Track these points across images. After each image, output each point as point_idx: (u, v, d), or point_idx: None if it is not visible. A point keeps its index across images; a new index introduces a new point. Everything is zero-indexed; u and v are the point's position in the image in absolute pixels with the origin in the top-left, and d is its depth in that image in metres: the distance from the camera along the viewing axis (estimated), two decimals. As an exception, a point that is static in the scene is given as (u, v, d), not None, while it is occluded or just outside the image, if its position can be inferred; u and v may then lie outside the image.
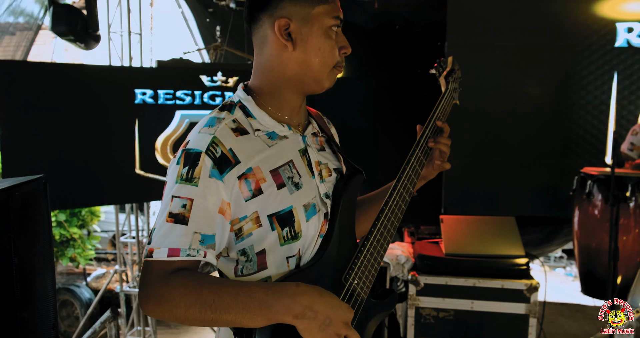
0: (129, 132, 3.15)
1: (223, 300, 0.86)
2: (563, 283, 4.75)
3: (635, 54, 3.93)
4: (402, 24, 4.51)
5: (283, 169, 1.00)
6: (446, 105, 1.31)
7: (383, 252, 1.07)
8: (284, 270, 1.00)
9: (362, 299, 1.03)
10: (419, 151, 1.17)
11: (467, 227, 2.49)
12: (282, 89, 1.04)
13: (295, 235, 0.99)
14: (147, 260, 0.90)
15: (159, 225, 0.92)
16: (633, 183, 2.65)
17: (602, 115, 4.03)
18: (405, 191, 1.12)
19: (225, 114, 1.01)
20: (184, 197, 0.91)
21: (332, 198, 1.07)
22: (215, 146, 0.94)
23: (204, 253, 0.91)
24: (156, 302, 0.87)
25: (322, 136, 1.16)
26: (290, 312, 0.86)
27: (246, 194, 0.96)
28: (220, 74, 3.43)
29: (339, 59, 1.04)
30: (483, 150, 4.13)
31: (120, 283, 3.54)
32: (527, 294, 2.31)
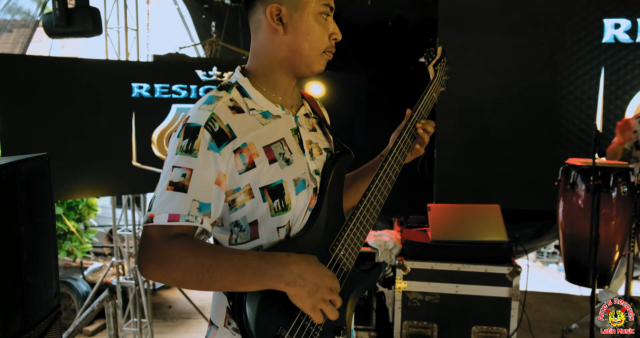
0: (125, 125, 3.21)
1: (220, 266, 0.93)
2: (555, 279, 4.83)
3: (622, 50, 4.02)
4: (394, 21, 4.58)
5: (275, 145, 1.07)
6: (434, 92, 1.39)
7: (369, 227, 1.14)
8: (275, 239, 1.06)
9: (348, 269, 1.10)
10: (405, 133, 1.25)
11: (453, 215, 2.57)
12: (275, 72, 1.11)
13: (285, 207, 1.06)
14: (148, 225, 0.96)
15: (160, 192, 0.98)
16: (615, 173, 2.73)
17: (590, 110, 4.11)
18: (392, 170, 1.19)
19: (223, 94, 1.08)
20: (184, 167, 0.98)
21: (321, 175, 1.14)
22: (214, 121, 1.01)
23: (201, 220, 0.97)
24: (156, 264, 0.93)
25: (314, 118, 1.24)
26: (282, 280, 0.93)
27: (240, 168, 1.03)
28: (216, 68, 3.50)
29: (329, 44, 1.10)
30: (473, 144, 4.21)
31: (117, 275, 3.60)
32: (509, 278, 2.39)
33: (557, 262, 5.58)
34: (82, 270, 4.42)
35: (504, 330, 2.43)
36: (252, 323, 0.94)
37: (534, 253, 5.98)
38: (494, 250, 2.44)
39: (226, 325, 1.09)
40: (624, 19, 3.98)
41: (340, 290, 1.07)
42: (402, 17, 4.57)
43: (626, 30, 4.00)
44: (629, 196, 2.75)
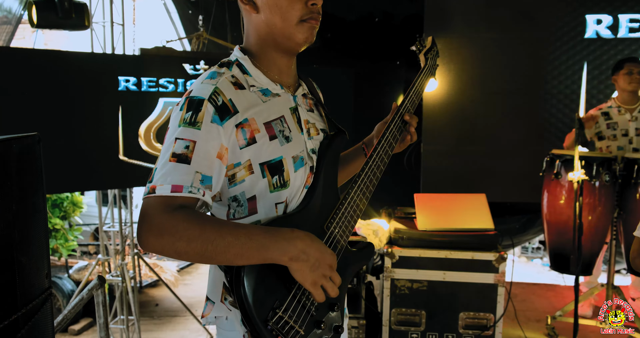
0: (112, 118, 3.19)
1: (225, 239, 0.93)
2: (540, 273, 4.91)
3: (604, 45, 4.10)
4: (381, 16, 4.61)
5: (275, 122, 1.09)
6: (424, 79, 1.43)
7: (362, 207, 1.16)
8: (272, 215, 1.08)
9: (342, 246, 1.12)
10: (398, 118, 1.28)
11: (440, 204, 2.61)
12: (265, 50, 1.12)
13: (284, 183, 1.07)
14: (150, 196, 0.95)
15: (162, 164, 0.97)
16: (598, 163, 2.79)
17: (573, 104, 4.18)
18: (384, 152, 1.22)
19: (225, 70, 1.09)
20: (187, 139, 0.98)
21: (317, 154, 1.16)
22: (217, 95, 1.02)
23: (203, 192, 0.97)
24: (159, 234, 0.92)
25: (311, 99, 1.25)
26: (286, 254, 0.94)
27: (241, 143, 1.03)
28: (203, 62, 3.49)
29: (305, 11, 1.07)
30: (459, 138, 4.26)
31: (104, 272, 3.57)
32: (495, 264, 2.43)
33: (542, 257, 5.66)
34: (67, 268, 4.38)
35: (491, 316, 2.47)
36: (250, 295, 0.95)
37: (518, 248, 6.06)
38: (480, 237, 2.48)
39: (222, 300, 1.10)
40: (606, 15, 4.06)
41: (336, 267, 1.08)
42: (388, 13, 4.61)
43: (607, 26, 4.07)
44: (611, 186, 2.82)
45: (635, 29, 4.05)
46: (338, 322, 1.11)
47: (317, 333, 1.05)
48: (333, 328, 1.09)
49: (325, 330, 1.07)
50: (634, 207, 2.79)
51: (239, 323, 1.04)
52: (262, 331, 0.95)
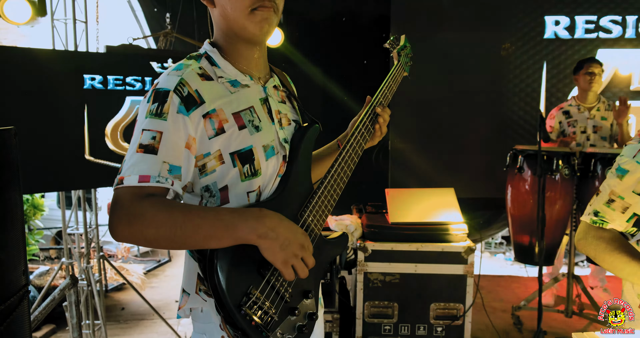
0: (77, 117, 3.12)
1: (193, 221, 0.94)
2: (503, 267, 5.04)
3: (562, 45, 4.27)
4: (348, 16, 4.67)
5: (244, 113, 1.10)
6: (397, 75, 1.47)
7: (336, 196, 1.18)
8: (245, 204, 1.09)
9: (316, 235, 1.13)
10: (370, 111, 1.30)
11: (410, 198, 2.67)
12: (231, 42, 1.14)
13: (255, 172, 1.09)
14: (119, 187, 0.97)
15: (129, 156, 0.99)
16: (559, 157, 2.91)
17: (534, 102, 4.34)
18: (357, 143, 1.24)
19: (192, 62, 1.10)
20: (154, 130, 0.99)
21: (290, 144, 1.17)
22: (183, 86, 1.03)
23: (171, 182, 0.98)
24: (128, 223, 0.93)
25: (284, 91, 1.27)
26: (255, 232, 0.95)
27: (210, 133, 1.04)
28: (171, 60, 3.45)
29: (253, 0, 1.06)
30: (425, 135, 4.36)
31: (68, 276, 3.47)
32: (464, 256, 2.51)
33: (504, 252, 5.82)
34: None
35: (460, 306, 2.54)
36: (223, 281, 0.96)
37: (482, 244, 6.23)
38: (450, 230, 2.55)
39: (197, 291, 1.10)
40: (563, 16, 4.23)
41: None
42: (355, 13, 4.66)
43: (565, 27, 4.25)
44: (570, 179, 2.94)
45: (590, 30, 4.23)
46: (312, 310, 1.12)
47: (292, 320, 1.06)
48: (307, 315, 1.10)
49: (300, 317, 1.08)
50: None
51: (215, 314, 1.05)
52: (236, 316, 0.96)
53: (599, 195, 1.32)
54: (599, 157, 2.90)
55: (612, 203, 1.28)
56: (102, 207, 5.83)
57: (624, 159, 1.30)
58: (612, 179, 1.31)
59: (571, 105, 3.59)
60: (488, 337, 3.01)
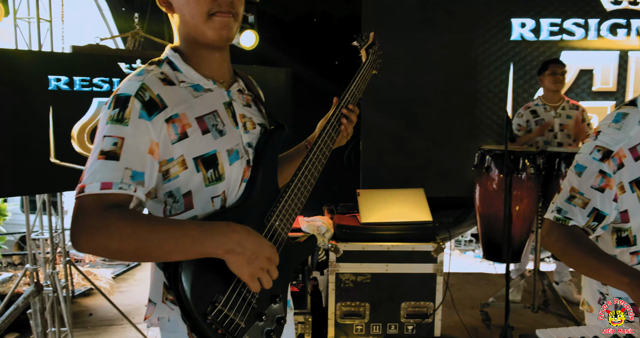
0: (42, 119, 3.04)
1: (158, 235, 0.92)
2: (472, 265, 5.13)
3: (528, 47, 4.37)
4: (319, 17, 4.68)
5: (208, 117, 1.09)
6: (366, 74, 1.46)
7: (304, 199, 1.18)
8: (210, 209, 1.08)
9: (283, 239, 1.13)
10: (338, 111, 1.30)
11: (381, 198, 2.69)
12: (192, 47, 1.13)
13: (219, 177, 1.08)
14: (80, 195, 0.94)
15: (91, 163, 0.97)
16: (524, 157, 2.98)
17: (501, 102, 4.43)
18: (325, 144, 1.24)
19: (154, 68, 1.10)
20: (115, 136, 0.98)
21: (255, 148, 1.16)
22: (144, 91, 1.02)
23: (134, 188, 0.97)
24: (91, 234, 0.91)
25: (249, 95, 1.26)
26: (221, 247, 0.94)
27: (173, 137, 1.03)
28: (140, 61, 3.40)
29: (212, 5, 1.06)
30: (396, 136, 4.40)
31: (32, 282, 3.37)
32: (434, 255, 2.55)
33: (474, 249, 5.93)
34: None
35: (431, 304, 2.58)
36: (188, 290, 0.95)
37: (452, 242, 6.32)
38: (420, 229, 2.59)
39: (164, 300, 1.09)
40: (529, 19, 4.34)
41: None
42: (326, 13, 4.67)
43: (531, 29, 4.35)
44: (536, 178, 3.02)
45: (555, 32, 4.35)
46: (281, 314, 1.12)
47: (259, 326, 1.06)
48: (276, 319, 1.10)
49: (268, 321, 1.08)
50: (556, 197, 3.00)
51: (182, 322, 1.03)
52: (202, 325, 0.95)
53: (560, 193, 1.36)
54: (563, 156, 2.98)
55: (572, 199, 1.31)
56: (69, 211, 5.69)
57: (581, 156, 1.35)
58: (572, 176, 1.35)
59: (537, 105, 3.68)
60: (457, 333, 3.06)
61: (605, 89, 4.40)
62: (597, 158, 1.30)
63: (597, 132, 1.35)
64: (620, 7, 4.33)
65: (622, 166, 1.28)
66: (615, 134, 1.31)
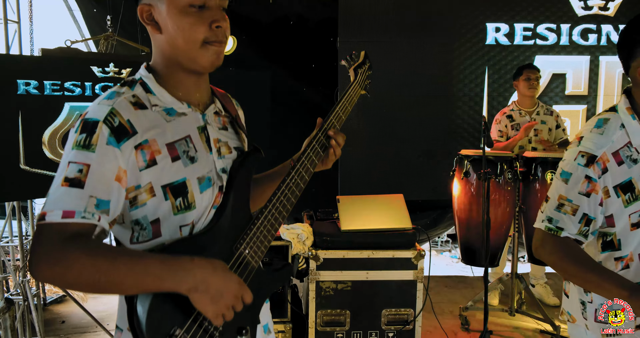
0: (11, 125, 2.95)
1: (119, 269, 0.89)
2: (449, 265, 5.17)
3: (502, 51, 4.44)
4: (295, 19, 4.65)
5: (179, 143, 1.05)
6: (353, 95, 1.42)
7: (277, 225, 1.12)
8: (177, 237, 1.04)
9: (253, 267, 1.08)
10: (315, 142, 1.23)
11: (361, 205, 2.68)
12: (171, 69, 1.08)
13: (188, 205, 1.04)
14: (40, 223, 0.91)
15: (54, 189, 0.93)
16: (502, 162, 3.01)
17: (477, 106, 4.49)
18: (300, 177, 1.17)
19: (126, 89, 1.04)
20: (81, 162, 0.94)
21: (229, 173, 1.11)
22: (113, 116, 0.98)
23: (98, 217, 0.93)
24: (48, 265, 0.87)
25: (226, 117, 1.21)
26: (184, 285, 0.91)
27: (141, 164, 0.99)
28: (113, 65, 3.32)
29: (209, 34, 1.04)
30: (374, 140, 4.41)
31: (2, 291, 3.26)
32: (414, 262, 2.55)
33: (450, 250, 5.98)
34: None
35: (411, 311, 2.58)
36: (144, 321, 0.91)
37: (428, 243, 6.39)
38: (400, 236, 2.58)
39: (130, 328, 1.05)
40: (503, 24, 4.40)
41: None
42: (303, 16, 4.65)
43: (505, 34, 4.41)
44: (513, 182, 3.05)
45: (528, 37, 4.42)
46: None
47: None
48: None
49: None
50: (533, 201, 3.04)
51: None
52: None
53: (548, 201, 1.37)
54: (540, 161, 3.02)
55: (562, 207, 1.32)
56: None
57: (566, 162, 1.36)
58: (558, 183, 1.36)
59: (513, 110, 3.73)
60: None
61: (577, 93, 4.50)
62: (581, 163, 1.32)
63: (580, 138, 1.37)
64: (591, 12, 4.43)
65: (606, 170, 1.30)
66: (597, 139, 1.33)
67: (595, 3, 4.41)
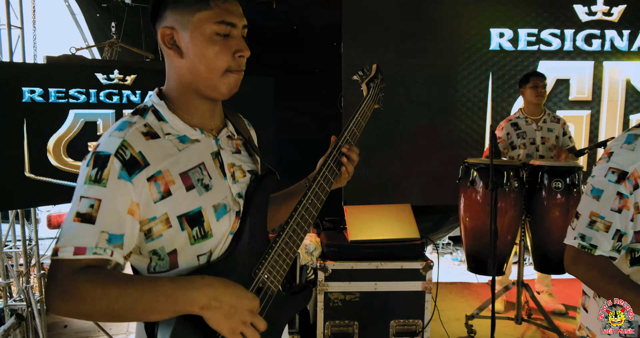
0: (16, 133, 2.94)
1: (130, 295, 0.89)
2: (450, 267, 5.16)
3: (507, 57, 4.43)
4: (299, 24, 4.64)
5: (193, 171, 1.04)
6: (366, 109, 1.40)
7: (296, 248, 1.11)
8: (195, 266, 1.04)
9: (273, 292, 1.07)
10: (330, 160, 1.23)
11: (369, 215, 2.68)
12: (187, 95, 1.07)
13: (205, 234, 1.03)
14: (54, 258, 0.92)
15: (67, 224, 0.94)
16: (508, 170, 3.00)
17: (481, 111, 4.48)
18: (316, 197, 1.16)
19: (137, 119, 1.04)
20: (92, 197, 0.94)
21: (244, 198, 1.11)
22: (125, 149, 0.97)
23: (110, 252, 0.93)
24: (63, 299, 0.89)
25: (239, 139, 1.20)
26: (196, 304, 0.91)
27: (155, 196, 0.98)
28: (117, 71, 3.32)
29: (232, 63, 1.05)
30: (378, 145, 4.40)
31: (5, 297, 3.25)
32: (423, 272, 2.54)
33: (451, 252, 5.98)
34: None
35: (419, 322, 2.58)
36: None
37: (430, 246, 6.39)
38: (408, 247, 2.58)
39: None
40: (507, 29, 4.40)
41: (266, 313, 1.05)
42: (306, 21, 4.64)
43: (509, 39, 4.41)
44: (519, 191, 3.05)
45: (532, 42, 4.42)
46: None
47: None
48: None
49: None
50: (539, 210, 3.04)
51: None
52: None
53: (579, 218, 1.37)
54: (546, 169, 3.02)
55: (594, 224, 1.33)
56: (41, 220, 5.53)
57: (596, 179, 1.36)
58: (589, 200, 1.36)
59: (519, 117, 3.72)
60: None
61: (581, 98, 4.50)
62: (612, 180, 1.32)
63: (609, 153, 1.36)
64: (595, 18, 4.43)
65: (637, 186, 1.30)
66: (628, 155, 1.33)
67: (599, 9, 4.40)
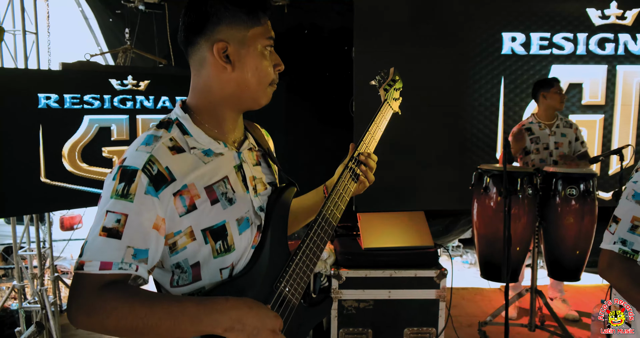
0: (32, 138, 2.98)
1: (155, 314, 0.90)
2: (460, 270, 5.14)
3: (519, 61, 4.41)
4: (310, 29, 4.65)
5: (217, 185, 1.05)
6: (384, 115, 1.43)
7: (316, 259, 1.12)
8: (218, 280, 1.05)
9: (294, 305, 1.08)
10: (354, 160, 1.25)
11: (382, 222, 2.68)
12: (220, 107, 1.09)
13: (228, 248, 1.05)
14: (79, 272, 0.92)
15: (92, 238, 0.94)
16: (522, 177, 2.99)
17: (493, 116, 4.46)
18: (335, 207, 1.17)
19: (163, 132, 1.05)
20: (119, 212, 0.94)
21: (265, 211, 1.12)
22: (152, 164, 0.98)
23: (135, 267, 0.94)
24: (87, 314, 0.90)
25: (259, 151, 1.21)
26: (220, 326, 0.92)
27: (181, 210, 1.00)
28: (131, 77, 3.35)
29: (275, 77, 1.11)
30: (389, 150, 4.38)
31: (20, 299, 3.29)
32: (437, 281, 2.54)
33: (461, 255, 5.96)
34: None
35: (433, 330, 2.57)
36: None
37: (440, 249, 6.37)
38: (422, 255, 2.58)
39: None
40: (519, 33, 4.37)
41: (287, 326, 1.06)
42: (317, 26, 4.65)
43: (521, 43, 4.39)
44: (533, 197, 3.03)
45: (544, 46, 4.39)
46: None
47: None
48: None
49: None
50: (553, 216, 3.02)
51: None
52: None
53: (619, 223, 1.36)
54: (560, 176, 3.00)
55: (637, 229, 1.32)
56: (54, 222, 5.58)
57: (639, 184, 1.35)
58: (630, 205, 1.35)
59: (532, 122, 3.70)
60: (457, 353, 3.06)
61: (594, 102, 4.46)
62: None
63: None
64: (608, 21, 4.39)
65: None
66: None
67: (612, 12, 4.37)
